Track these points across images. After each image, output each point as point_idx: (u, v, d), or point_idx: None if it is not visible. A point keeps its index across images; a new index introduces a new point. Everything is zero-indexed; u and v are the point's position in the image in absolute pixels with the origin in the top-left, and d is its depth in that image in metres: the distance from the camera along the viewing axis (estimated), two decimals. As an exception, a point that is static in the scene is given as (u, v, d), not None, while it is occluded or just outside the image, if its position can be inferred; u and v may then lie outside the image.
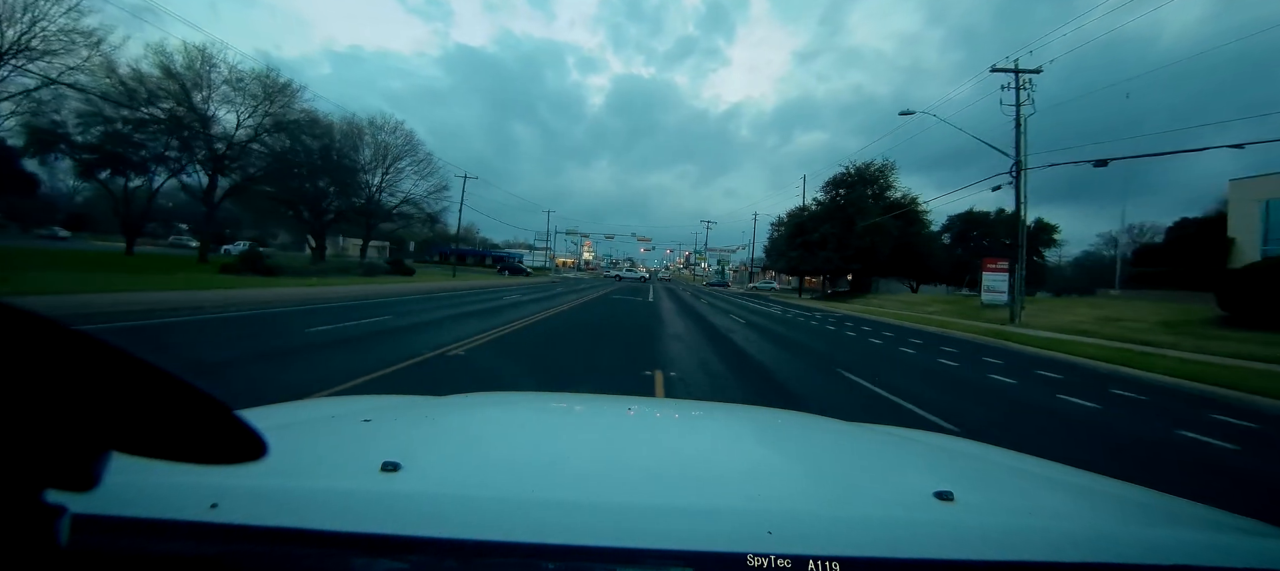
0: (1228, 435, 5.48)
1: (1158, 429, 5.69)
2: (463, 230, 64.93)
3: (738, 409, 2.15)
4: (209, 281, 14.63)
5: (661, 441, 1.33)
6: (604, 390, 3.95)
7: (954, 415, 5.53)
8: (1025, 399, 6.92)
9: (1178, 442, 5.18)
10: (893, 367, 8.88)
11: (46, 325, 0.32)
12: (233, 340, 7.34)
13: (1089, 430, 5.44)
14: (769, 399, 5.72)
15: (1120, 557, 0.75)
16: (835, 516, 0.83)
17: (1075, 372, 9.53)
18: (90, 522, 0.57)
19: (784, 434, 1.55)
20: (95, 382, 0.34)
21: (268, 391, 4.61)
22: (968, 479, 1.14)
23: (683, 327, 12.93)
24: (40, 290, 9.26)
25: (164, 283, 12.76)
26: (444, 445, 1.12)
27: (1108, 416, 6.10)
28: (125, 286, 11.19)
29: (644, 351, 8.70)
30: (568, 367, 7.13)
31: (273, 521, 0.65)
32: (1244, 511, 1.01)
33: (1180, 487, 1.30)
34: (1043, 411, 6.22)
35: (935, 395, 6.64)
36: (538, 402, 1.83)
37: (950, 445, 1.67)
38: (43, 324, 0.32)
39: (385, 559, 0.62)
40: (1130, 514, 1.04)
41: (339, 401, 1.55)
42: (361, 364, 6.05)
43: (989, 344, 13.62)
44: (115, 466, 0.39)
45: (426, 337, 8.52)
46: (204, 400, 0.38)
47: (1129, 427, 5.66)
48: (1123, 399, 7.24)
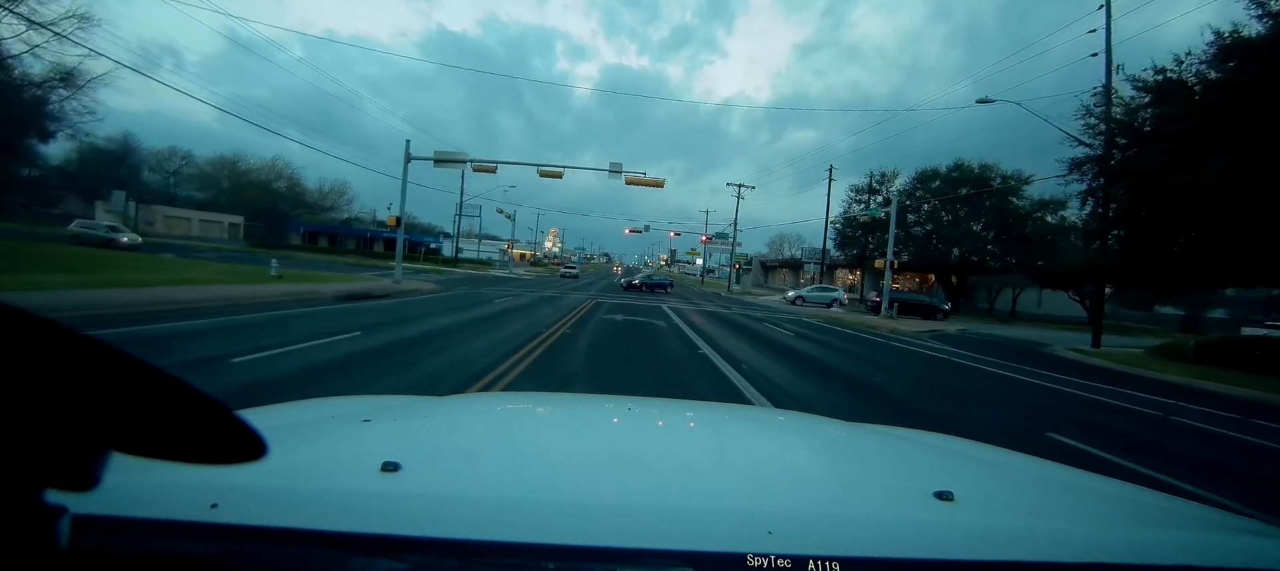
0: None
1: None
2: (331, 194, 48.65)
3: (738, 409, 2.08)
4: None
5: (661, 441, 1.33)
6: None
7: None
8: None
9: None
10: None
11: (46, 325, 0.33)
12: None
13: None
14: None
15: (1120, 557, 0.75)
16: (835, 516, 0.83)
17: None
18: (90, 522, 0.57)
19: (784, 434, 1.54)
20: (95, 383, 0.35)
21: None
22: (968, 479, 1.14)
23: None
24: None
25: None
26: (444, 445, 1.12)
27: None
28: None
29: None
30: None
31: (273, 521, 0.65)
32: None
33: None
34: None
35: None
36: (538, 402, 1.78)
37: (950, 445, 1.68)
38: (42, 324, 0.32)
39: (385, 559, 0.62)
40: (1130, 514, 1.05)
41: (339, 401, 1.58)
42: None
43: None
44: (115, 466, 0.39)
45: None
46: (204, 400, 0.38)
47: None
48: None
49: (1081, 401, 8.23)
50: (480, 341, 8.53)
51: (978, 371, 10.52)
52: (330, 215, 54.31)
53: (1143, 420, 7.29)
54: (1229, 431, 6.87)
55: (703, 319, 15.99)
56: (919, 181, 37.17)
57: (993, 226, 34.57)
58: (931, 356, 12.21)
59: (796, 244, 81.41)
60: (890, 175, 39.86)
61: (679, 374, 7.30)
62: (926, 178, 36.77)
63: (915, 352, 12.72)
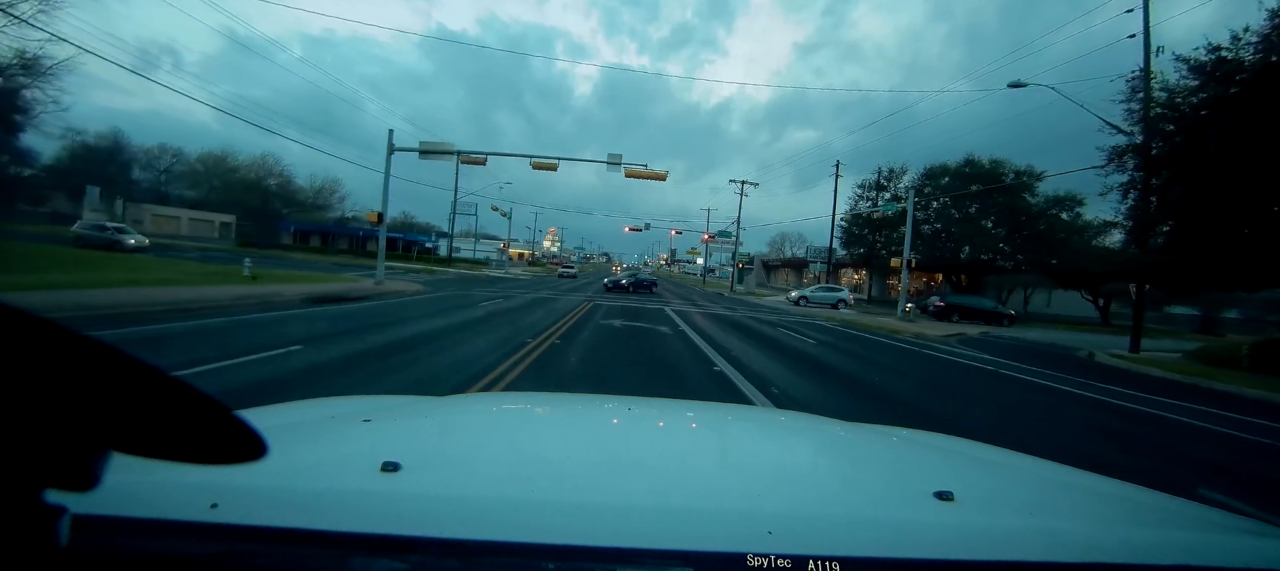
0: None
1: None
2: (323, 192, 47.91)
3: (738, 409, 2.06)
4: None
5: (661, 441, 1.33)
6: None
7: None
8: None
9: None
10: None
11: (46, 326, 0.32)
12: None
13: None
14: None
15: (1120, 557, 0.74)
16: (835, 516, 0.83)
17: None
18: (90, 522, 0.56)
19: (783, 434, 1.56)
20: (95, 383, 0.34)
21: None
22: (967, 478, 1.14)
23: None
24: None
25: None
26: (444, 445, 1.13)
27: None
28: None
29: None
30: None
31: (273, 521, 0.65)
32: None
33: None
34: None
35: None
36: (538, 403, 1.80)
37: (950, 445, 1.63)
38: (42, 324, 0.32)
39: (385, 559, 0.62)
40: (1130, 513, 1.05)
41: (339, 401, 1.52)
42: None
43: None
44: (115, 466, 0.38)
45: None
46: (203, 400, 0.37)
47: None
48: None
49: (1184, 430, 6.79)
50: (444, 358, 7.07)
51: (1036, 385, 9.24)
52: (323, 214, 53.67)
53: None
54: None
55: (711, 324, 14.45)
56: (927, 178, 35.98)
57: (1005, 224, 33.52)
58: (974, 367, 10.97)
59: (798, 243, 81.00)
60: (899, 171, 38.87)
61: (696, 398, 5.84)
62: (935, 174, 35.50)
63: (953, 362, 11.51)
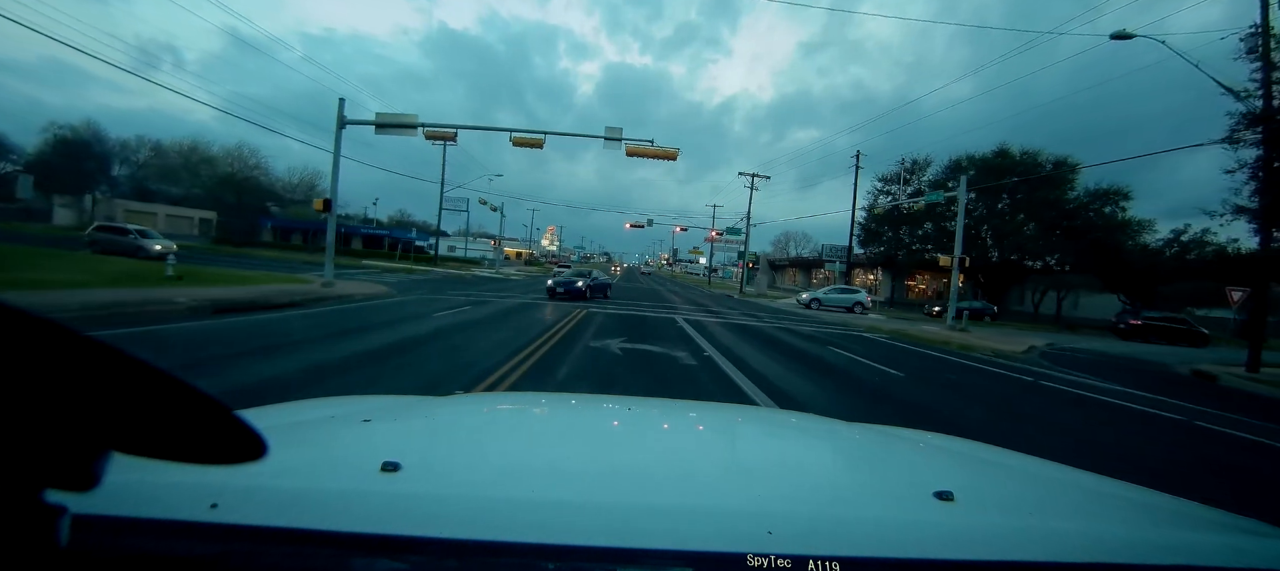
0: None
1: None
2: (301, 186, 43.28)
3: (738, 409, 2.08)
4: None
5: (662, 441, 1.32)
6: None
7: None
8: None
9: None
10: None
11: (46, 325, 0.32)
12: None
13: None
14: None
15: (1120, 557, 0.74)
16: (835, 516, 0.82)
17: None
18: (90, 522, 0.56)
19: (784, 434, 1.55)
20: (95, 383, 0.34)
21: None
22: (968, 478, 1.14)
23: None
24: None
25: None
26: (444, 445, 1.12)
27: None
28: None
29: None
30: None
31: (272, 521, 0.65)
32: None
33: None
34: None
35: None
36: (538, 402, 1.84)
37: (950, 445, 1.62)
38: (42, 324, 0.32)
39: (385, 559, 0.61)
40: (1131, 514, 1.04)
41: (339, 401, 1.51)
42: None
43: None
44: (115, 466, 0.38)
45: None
46: (203, 400, 0.37)
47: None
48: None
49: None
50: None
51: (1176, 423, 6.68)
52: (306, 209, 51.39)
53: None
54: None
55: (739, 341, 11.22)
56: (951, 171, 33.18)
57: (1039, 219, 30.70)
58: (1085, 397, 8.17)
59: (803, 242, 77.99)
60: (923, 162, 36.05)
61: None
62: (960, 167, 32.53)
63: (1063, 391, 8.65)
